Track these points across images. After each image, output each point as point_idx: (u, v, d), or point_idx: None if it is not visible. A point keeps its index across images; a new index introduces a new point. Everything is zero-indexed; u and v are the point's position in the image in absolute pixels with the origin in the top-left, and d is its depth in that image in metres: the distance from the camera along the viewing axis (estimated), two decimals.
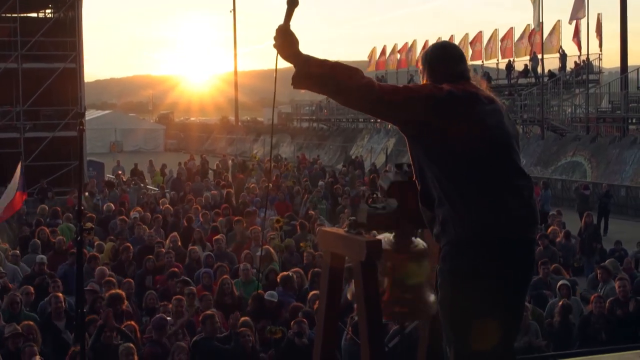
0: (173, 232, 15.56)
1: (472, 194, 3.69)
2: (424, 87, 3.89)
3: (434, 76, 3.99)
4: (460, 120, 3.73)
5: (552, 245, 15.39)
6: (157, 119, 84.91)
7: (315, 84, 3.73)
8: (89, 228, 6.33)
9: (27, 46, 29.28)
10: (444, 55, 4.09)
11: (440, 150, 3.73)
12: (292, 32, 3.76)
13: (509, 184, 3.79)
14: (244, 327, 9.40)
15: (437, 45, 4.25)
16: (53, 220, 18.41)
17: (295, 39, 3.75)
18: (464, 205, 3.68)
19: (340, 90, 3.72)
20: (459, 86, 3.85)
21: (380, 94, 3.67)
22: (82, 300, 6.24)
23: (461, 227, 3.68)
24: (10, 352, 8.57)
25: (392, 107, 3.72)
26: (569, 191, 30.60)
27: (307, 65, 3.71)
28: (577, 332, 10.55)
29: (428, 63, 4.06)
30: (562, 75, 41.38)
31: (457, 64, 4.06)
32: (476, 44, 48.87)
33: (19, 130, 29.43)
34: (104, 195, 23.07)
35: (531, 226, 3.81)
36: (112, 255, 14.23)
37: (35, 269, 12.65)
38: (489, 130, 3.78)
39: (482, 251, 3.66)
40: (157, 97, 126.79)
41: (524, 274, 3.85)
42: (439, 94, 3.75)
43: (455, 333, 3.77)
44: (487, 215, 3.67)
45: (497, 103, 3.99)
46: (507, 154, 3.88)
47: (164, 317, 9.60)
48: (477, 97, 3.86)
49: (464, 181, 3.70)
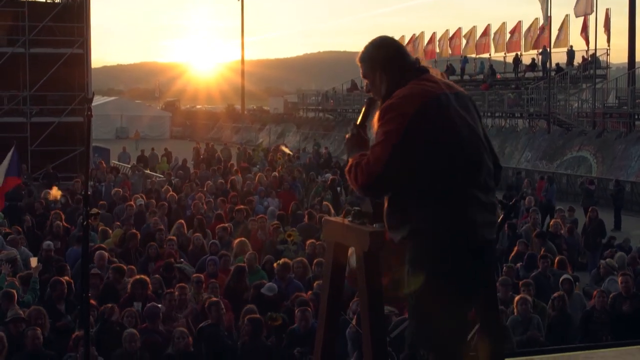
0: (180, 219, 15.59)
1: (436, 201, 3.69)
2: (390, 132, 3.71)
3: (393, 77, 3.90)
4: (431, 136, 3.69)
5: (555, 238, 15.35)
6: (163, 106, 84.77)
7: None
8: (95, 213, 6.35)
9: (34, 31, 29.32)
10: (396, 51, 3.97)
11: (410, 160, 3.70)
12: (362, 136, 4.01)
13: (472, 195, 3.75)
14: (249, 314, 9.44)
15: (383, 43, 4.01)
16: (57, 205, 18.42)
17: (365, 141, 3.99)
18: (424, 210, 3.70)
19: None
20: (425, 87, 3.80)
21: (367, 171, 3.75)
22: (87, 285, 6.26)
23: (420, 227, 3.72)
24: (12, 335, 8.59)
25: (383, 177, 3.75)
26: (574, 186, 30.58)
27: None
28: (578, 327, 10.56)
29: (382, 65, 3.93)
30: (569, 70, 41.30)
31: (410, 57, 3.98)
32: (484, 37, 48.76)
33: (25, 114, 29.50)
34: (108, 181, 23.09)
35: (487, 228, 3.80)
36: (118, 242, 14.25)
37: (43, 255, 12.66)
38: (459, 142, 3.74)
39: (439, 252, 3.69)
40: (163, 85, 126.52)
41: (479, 277, 3.84)
42: (404, 127, 3.68)
43: (420, 329, 3.82)
44: (447, 219, 3.68)
45: (462, 94, 3.94)
46: (476, 167, 3.81)
47: (156, 305, 9.61)
48: (446, 99, 3.81)
49: (428, 189, 3.70)
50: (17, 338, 8.57)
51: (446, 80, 3.98)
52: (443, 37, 52.55)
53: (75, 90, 29.90)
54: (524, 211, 18.80)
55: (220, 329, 9.32)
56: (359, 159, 3.78)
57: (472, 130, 3.82)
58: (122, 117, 66.29)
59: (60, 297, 10.02)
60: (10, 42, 29.57)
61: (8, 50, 29.17)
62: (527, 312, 9.95)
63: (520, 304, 9.97)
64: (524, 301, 9.99)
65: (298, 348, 9.00)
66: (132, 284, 10.32)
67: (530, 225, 16.22)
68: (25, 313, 9.03)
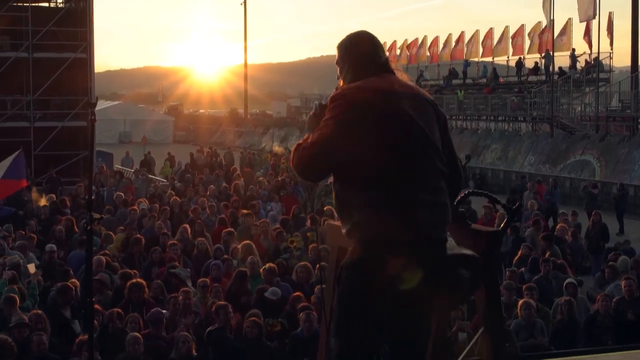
0: (183, 224, 15.61)
1: (376, 202, 3.68)
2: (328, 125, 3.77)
3: (358, 70, 3.96)
4: (372, 128, 3.71)
5: (559, 243, 15.33)
6: (166, 111, 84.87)
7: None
8: (98, 218, 6.35)
9: (38, 36, 29.32)
10: (369, 48, 4.03)
11: (348, 148, 3.72)
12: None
13: (415, 197, 3.72)
14: (252, 317, 9.43)
15: (360, 38, 4.07)
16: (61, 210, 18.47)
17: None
18: (366, 211, 3.69)
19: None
20: (377, 83, 3.84)
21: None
22: (90, 289, 6.26)
23: (361, 230, 3.72)
24: (16, 340, 8.59)
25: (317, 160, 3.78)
26: (577, 190, 30.55)
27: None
28: (582, 331, 10.55)
29: (351, 57, 4.00)
30: (573, 74, 41.27)
31: (381, 57, 4.02)
32: (487, 40, 48.76)
33: (28, 119, 29.50)
34: (109, 185, 23.10)
35: (431, 227, 3.75)
36: (120, 247, 14.24)
37: (46, 258, 12.66)
38: (401, 139, 3.74)
39: (379, 256, 3.67)
40: (166, 89, 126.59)
41: (421, 280, 3.75)
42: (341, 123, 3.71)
43: (342, 326, 3.80)
44: (388, 223, 3.66)
45: (421, 96, 3.95)
46: (419, 166, 3.78)
47: (160, 310, 9.62)
48: (395, 97, 3.83)
49: (369, 189, 3.69)
50: (21, 343, 8.58)
51: (409, 83, 4.00)
52: (446, 40, 52.57)
53: (78, 95, 29.90)
54: (528, 215, 18.73)
55: (228, 333, 9.33)
56: (303, 142, 3.82)
57: (420, 130, 3.80)
58: (125, 122, 66.35)
59: (67, 302, 10.04)
60: (13, 47, 29.57)
61: (11, 54, 29.17)
62: (531, 317, 9.94)
63: (524, 308, 9.95)
64: (528, 305, 9.98)
65: (305, 359, 8.94)
66: (129, 287, 10.33)
67: (534, 229, 16.20)
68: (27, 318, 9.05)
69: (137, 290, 10.21)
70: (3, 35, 29.76)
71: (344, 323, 3.77)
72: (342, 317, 3.79)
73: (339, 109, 3.76)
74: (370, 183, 3.70)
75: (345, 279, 3.78)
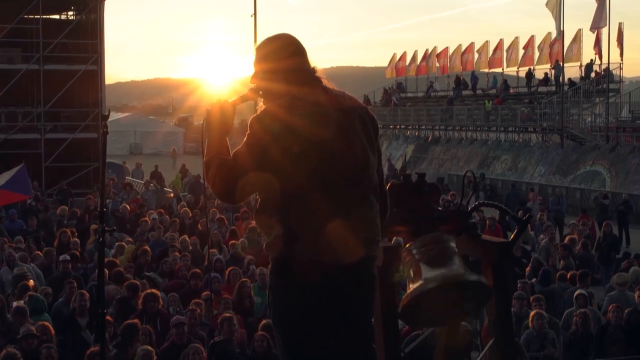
0: (193, 236, 15.62)
1: (304, 219, 3.60)
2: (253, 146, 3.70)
3: (287, 79, 3.75)
4: (300, 146, 3.58)
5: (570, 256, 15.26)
6: (176, 122, 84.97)
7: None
8: (110, 229, 6.37)
9: (49, 48, 29.48)
10: (297, 51, 3.79)
11: (275, 169, 3.63)
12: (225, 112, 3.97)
13: (342, 213, 3.62)
14: (263, 330, 9.40)
15: (285, 41, 3.81)
16: (72, 222, 18.52)
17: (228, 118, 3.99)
18: (294, 227, 3.61)
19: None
20: (307, 97, 3.69)
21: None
22: (102, 300, 6.27)
23: (288, 246, 3.63)
24: (24, 351, 8.62)
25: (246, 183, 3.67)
26: (587, 200, 30.46)
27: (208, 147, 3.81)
28: (594, 342, 10.50)
29: (277, 63, 3.76)
30: (583, 84, 41.21)
31: (308, 63, 3.81)
32: (497, 51, 48.74)
33: (39, 131, 29.64)
34: (114, 197, 23.10)
35: (359, 249, 3.68)
36: (131, 258, 14.26)
37: (60, 268, 12.69)
38: (329, 154, 3.62)
39: (304, 273, 3.60)
40: (177, 100, 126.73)
41: (345, 298, 3.68)
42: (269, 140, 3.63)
43: (285, 346, 3.77)
44: (314, 239, 3.58)
45: (351, 109, 3.78)
46: (348, 181, 3.66)
47: (181, 318, 9.66)
48: (322, 111, 3.68)
49: (298, 204, 3.61)
50: (30, 354, 8.61)
51: (337, 92, 3.83)
52: (455, 51, 52.55)
53: (89, 107, 30.04)
54: (539, 227, 18.62)
55: (232, 345, 9.31)
56: (220, 160, 3.71)
57: (349, 144, 3.68)
58: (135, 133, 66.48)
59: (82, 310, 10.05)
60: (24, 59, 29.74)
61: (23, 67, 29.34)
62: (543, 327, 9.90)
63: (537, 318, 9.92)
64: (541, 316, 9.95)
65: None
66: (143, 298, 10.28)
67: (548, 240, 16.20)
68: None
69: (152, 300, 10.17)
70: (14, 48, 29.96)
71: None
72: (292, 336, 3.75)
73: (263, 132, 3.66)
74: (294, 199, 3.60)
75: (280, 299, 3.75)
